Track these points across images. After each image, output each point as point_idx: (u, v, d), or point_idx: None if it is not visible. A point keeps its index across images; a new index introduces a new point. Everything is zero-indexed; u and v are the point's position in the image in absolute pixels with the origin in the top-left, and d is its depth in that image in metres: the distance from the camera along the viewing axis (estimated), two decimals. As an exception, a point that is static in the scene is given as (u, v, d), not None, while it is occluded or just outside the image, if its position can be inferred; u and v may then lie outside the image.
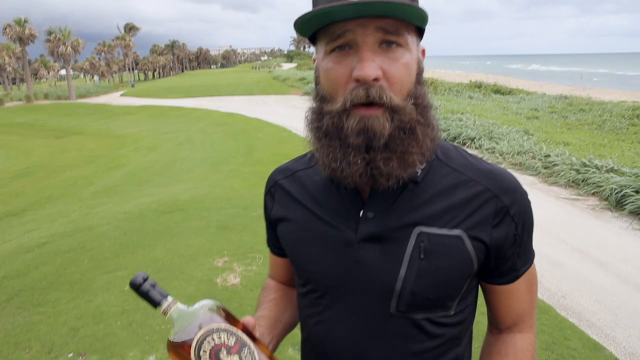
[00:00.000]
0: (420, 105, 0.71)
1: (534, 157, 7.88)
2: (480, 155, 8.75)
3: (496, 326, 0.88)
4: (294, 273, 0.92)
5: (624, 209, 5.51)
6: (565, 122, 12.19)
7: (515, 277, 0.81)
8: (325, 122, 0.71)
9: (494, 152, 8.68)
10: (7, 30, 39.24)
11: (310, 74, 31.58)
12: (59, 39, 38.31)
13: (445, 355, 0.81)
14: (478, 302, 0.88)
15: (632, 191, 5.66)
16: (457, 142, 9.89)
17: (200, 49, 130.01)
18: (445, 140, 0.87)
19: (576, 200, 6.13)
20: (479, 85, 23.14)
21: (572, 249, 4.49)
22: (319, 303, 0.83)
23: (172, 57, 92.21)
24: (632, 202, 5.50)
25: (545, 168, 7.42)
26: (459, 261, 0.74)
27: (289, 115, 15.79)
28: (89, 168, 10.25)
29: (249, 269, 3.91)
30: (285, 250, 0.90)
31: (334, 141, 0.70)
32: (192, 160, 9.60)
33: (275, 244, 0.96)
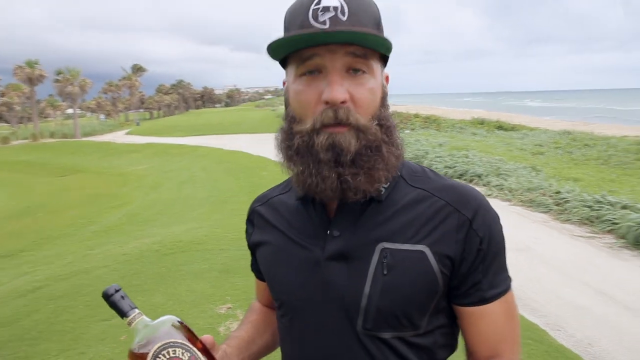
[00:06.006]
0: (385, 125, 0.74)
1: (544, 194, 7.69)
2: (488, 193, 8.61)
3: (471, 356, 0.82)
4: None
5: (644, 247, 5.29)
6: (571, 158, 12.08)
7: (482, 299, 0.77)
8: (296, 141, 0.73)
9: (502, 189, 8.48)
10: (18, 71, 40.22)
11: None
12: (68, 79, 39.15)
13: None
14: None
15: (651, 229, 5.45)
16: (464, 179, 9.73)
17: (205, 88, 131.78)
18: (431, 167, 0.86)
19: (592, 238, 5.89)
20: (481, 122, 23.24)
21: (595, 292, 4.24)
22: (292, 324, 0.84)
23: (177, 96, 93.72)
24: (652, 240, 5.27)
25: (556, 205, 7.21)
26: (423, 276, 0.74)
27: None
28: (91, 207, 10.09)
29: (252, 315, 3.67)
30: (262, 274, 0.92)
31: (306, 158, 0.72)
32: (195, 199, 9.42)
33: (257, 269, 0.98)
